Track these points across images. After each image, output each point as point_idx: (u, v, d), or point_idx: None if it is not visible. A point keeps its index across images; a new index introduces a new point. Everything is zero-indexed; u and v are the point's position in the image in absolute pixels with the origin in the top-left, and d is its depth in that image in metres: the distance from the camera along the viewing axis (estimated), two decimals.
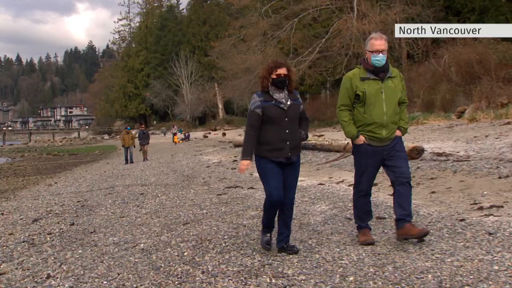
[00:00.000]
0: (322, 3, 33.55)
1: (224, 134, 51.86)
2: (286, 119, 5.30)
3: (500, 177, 9.13)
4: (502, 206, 7.02)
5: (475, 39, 27.27)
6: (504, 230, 5.77)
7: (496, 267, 4.55)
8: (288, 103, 5.32)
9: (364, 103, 5.45)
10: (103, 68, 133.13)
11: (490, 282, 4.21)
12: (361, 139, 5.51)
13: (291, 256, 5.46)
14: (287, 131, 5.28)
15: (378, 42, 5.40)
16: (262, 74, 5.42)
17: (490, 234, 5.70)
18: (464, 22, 32.87)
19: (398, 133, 5.63)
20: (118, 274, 5.34)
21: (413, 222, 6.60)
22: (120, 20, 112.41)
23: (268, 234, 5.68)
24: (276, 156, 5.30)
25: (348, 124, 5.59)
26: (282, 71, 5.26)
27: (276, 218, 5.64)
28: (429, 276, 4.49)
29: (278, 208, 5.49)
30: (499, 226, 5.97)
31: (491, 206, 7.04)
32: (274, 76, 5.26)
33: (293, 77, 5.42)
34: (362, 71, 5.53)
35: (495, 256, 4.86)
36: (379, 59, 5.37)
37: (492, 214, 6.60)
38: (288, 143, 5.28)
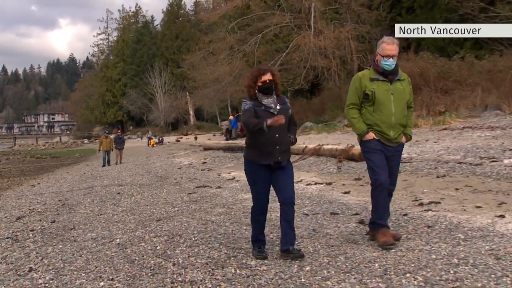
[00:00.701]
0: (283, 21, 33.74)
1: (196, 138, 51.84)
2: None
3: (437, 177, 9.33)
4: (440, 202, 7.17)
5: (416, 54, 27.78)
6: (441, 223, 5.91)
7: (433, 256, 4.65)
8: (277, 107, 4.93)
9: (373, 102, 5.14)
10: (83, 78, 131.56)
11: (429, 270, 4.29)
12: (371, 135, 5.17)
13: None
14: (277, 135, 4.86)
15: (389, 47, 5.09)
16: (247, 83, 5.04)
17: (429, 227, 5.82)
18: (406, 40, 33.46)
19: (403, 139, 5.33)
20: (96, 267, 5.29)
21: (366, 217, 6.74)
22: (99, 34, 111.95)
23: (262, 247, 5.17)
24: (265, 160, 4.90)
25: (358, 121, 5.25)
26: (267, 77, 4.88)
27: (264, 225, 5.27)
28: (376, 265, 4.56)
29: (265, 217, 5.22)
30: (436, 220, 6.11)
31: (430, 202, 7.18)
32: (259, 84, 4.88)
33: (278, 81, 5.02)
34: (372, 72, 5.22)
35: (433, 247, 4.96)
36: (389, 63, 5.08)
37: (431, 209, 6.74)
38: (278, 147, 4.89)
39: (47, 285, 4.84)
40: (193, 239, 6.20)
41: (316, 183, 10.55)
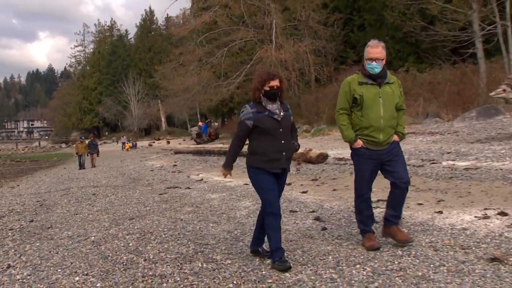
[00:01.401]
0: (247, 35, 33.84)
1: (168, 142, 51.62)
2: (281, 129, 4.47)
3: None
4: (386, 200, 7.27)
5: None
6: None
7: (380, 249, 4.71)
8: (281, 114, 4.50)
9: (362, 106, 4.70)
10: (61, 87, 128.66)
11: (376, 261, 4.35)
12: (359, 143, 4.74)
13: (219, 244, 5.47)
14: (282, 141, 4.46)
15: (373, 50, 4.71)
16: (254, 85, 4.57)
17: (376, 222, 5.87)
18: (358, 54, 34.01)
19: (395, 138, 4.85)
20: (71, 263, 5.18)
21: (321, 215, 6.78)
22: (76, 46, 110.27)
23: (282, 255, 4.42)
24: (273, 167, 4.46)
25: (347, 128, 4.82)
26: (275, 83, 4.44)
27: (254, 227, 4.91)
28: (330, 257, 4.59)
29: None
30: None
31: (378, 200, 7.21)
32: (267, 88, 4.44)
33: (284, 88, 4.63)
34: (361, 76, 4.79)
35: (380, 240, 5.01)
36: (372, 67, 4.66)
37: (379, 207, 6.78)
38: (284, 153, 4.49)
39: (24, 280, 4.72)
40: (163, 236, 6.14)
41: None
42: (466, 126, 15.73)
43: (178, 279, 4.34)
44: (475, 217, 5.64)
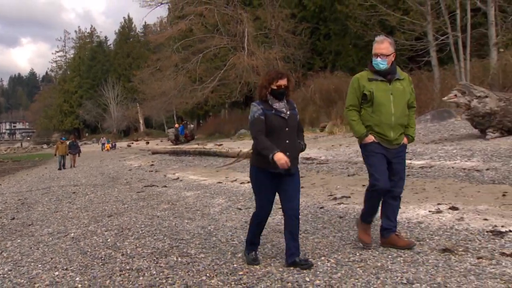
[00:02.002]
0: (221, 43, 33.80)
1: (147, 143, 51.17)
2: (287, 129, 4.10)
3: (348, 175, 9.58)
4: (350, 197, 7.31)
5: (332, 73, 28.49)
6: (350, 214, 6.05)
7: (343, 242, 4.77)
8: (288, 112, 4.14)
9: (372, 103, 4.32)
10: (43, 90, 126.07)
11: (339, 253, 4.40)
12: (370, 137, 4.33)
13: (194, 239, 5.44)
14: (287, 141, 4.08)
15: (378, 46, 4.33)
16: (261, 83, 4.18)
17: (340, 217, 5.95)
18: (324, 61, 34.31)
19: (405, 140, 4.45)
20: (51, 258, 5.10)
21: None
22: (57, 52, 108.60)
23: (253, 252, 4.38)
24: (276, 167, 3.94)
25: (357, 123, 4.41)
26: (283, 82, 4.07)
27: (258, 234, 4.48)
28: None
29: (266, 223, 4.43)
30: (347, 211, 6.24)
31: (342, 197, 7.31)
32: (274, 87, 4.07)
33: (291, 87, 4.28)
34: (369, 73, 4.41)
35: (343, 234, 5.09)
36: (377, 62, 4.30)
37: (343, 203, 6.87)
38: (288, 154, 3.99)
39: (5, 275, 4.62)
40: (140, 232, 6.08)
41: (249, 182, 10.52)
42: (421, 128, 16.00)
43: (154, 272, 4.31)
44: (429, 211, 5.75)
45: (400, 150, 4.43)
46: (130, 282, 4.10)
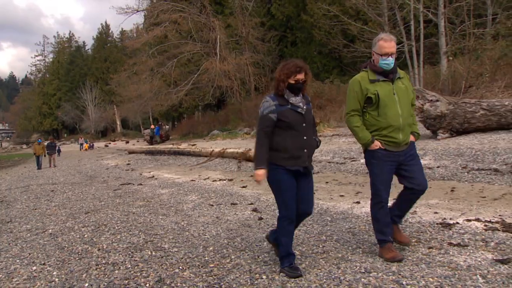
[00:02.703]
0: (194, 49, 33.64)
1: (127, 142, 50.35)
2: (304, 124, 3.65)
3: (313, 173, 9.66)
4: (314, 193, 7.39)
5: None
6: (314, 210, 6.09)
7: (308, 235, 4.80)
8: (304, 107, 3.68)
9: (377, 105, 3.79)
10: (22, 93, 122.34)
11: (304, 245, 4.43)
12: (377, 144, 3.82)
13: (168, 234, 5.38)
14: (305, 137, 3.63)
15: (387, 44, 3.77)
16: (279, 76, 3.67)
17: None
18: None
19: (412, 138, 3.97)
20: (29, 254, 4.98)
21: (258, 206, 6.79)
22: (36, 56, 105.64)
23: (294, 263, 3.74)
24: (293, 164, 3.60)
25: (361, 130, 3.88)
26: (301, 76, 3.61)
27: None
28: (264, 243, 4.62)
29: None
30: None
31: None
32: (292, 81, 3.60)
33: (309, 81, 3.73)
34: (370, 73, 3.87)
35: (308, 227, 5.12)
36: (389, 62, 3.77)
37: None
38: (305, 150, 3.64)
39: None
40: (116, 227, 5.98)
41: (220, 180, 10.56)
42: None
43: (129, 266, 4.25)
44: None
45: (410, 149, 3.94)
46: (106, 276, 4.03)
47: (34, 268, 4.44)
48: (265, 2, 36.46)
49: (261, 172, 3.60)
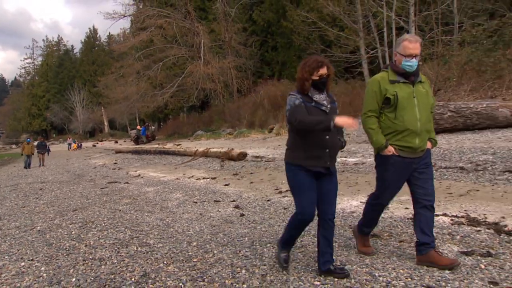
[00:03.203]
0: (179, 52, 33.52)
1: (116, 142, 49.82)
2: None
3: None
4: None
5: (279, 81, 28.80)
6: (293, 206, 6.01)
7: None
8: (328, 106, 3.34)
9: (395, 107, 3.45)
10: (12, 94, 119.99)
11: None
12: (390, 149, 3.47)
13: (153, 230, 5.34)
14: (327, 136, 3.28)
15: (412, 45, 3.43)
16: (301, 75, 3.32)
17: (285, 209, 6.01)
18: (272, 70, 34.60)
19: (429, 145, 3.58)
20: (18, 250, 4.87)
21: (240, 203, 6.77)
22: (26, 59, 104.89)
23: (286, 253, 3.63)
24: (313, 165, 3.28)
25: (376, 133, 3.52)
26: (324, 70, 3.27)
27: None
28: (246, 238, 4.63)
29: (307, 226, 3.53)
30: (290, 204, 6.27)
31: (286, 191, 7.34)
32: (315, 78, 3.27)
33: (332, 75, 3.38)
34: (391, 73, 3.53)
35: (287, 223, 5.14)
36: (412, 64, 3.44)
37: (287, 196, 6.90)
38: (327, 150, 3.29)
39: None
40: (103, 224, 5.91)
41: (204, 178, 10.52)
42: (355, 129, 16.41)
43: (115, 261, 4.20)
44: (360, 202, 5.89)
45: (426, 156, 3.56)
46: (93, 271, 3.97)
47: (23, 264, 4.36)
48: (247, 8, 36.47)
49: (342, 118, 3.18)
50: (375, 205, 3.74)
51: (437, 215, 4.84)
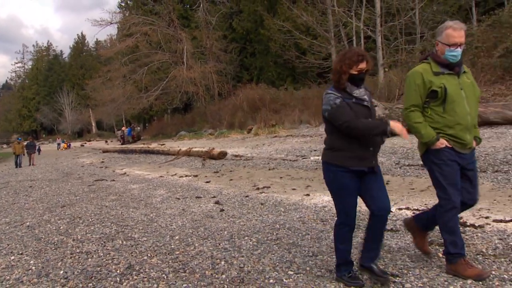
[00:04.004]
0: (163, 58, 33.22)
1: (106, 142, 48.70)
2: (370, 119, 2.88)
3: (269, 169, 9.70)
4: (270, 187, 7.43)
5: (257, 85, 28.83)
6: (270, 201, 6.13)
7: (263, 224, 4.82)
8: (368, 100, 2.94)
9: (443, 101, 2.95)
10: (2, 96, 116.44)
11: (260, 233, 4.44)
12: (443, 142, 2.96)
13: (138, 225, 5.27)
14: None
15: (457, 33, 2.93)
16: (340, 68, 2.84)
17: (262, 204, 6.01)
18: (250, 75, 34.61)
19: (473, 143, 3.08)
20: (8, 245, 4.75)
21: (220, 199, 6.75)
22: (16, 63, 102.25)
23: (352, 272, 3.01)
24: (357, 165, 2.84)
25: (424, 126, 3.00)
26: (364, 65, 2.83)
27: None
28: (225, 232, 4.61)
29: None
30: (267, 199, 6.33)
31: (264, 187, 7.41)
32: (354, 72, 2.82)
33: (371, 69, 2.96)
34: (434, 65, 3.02)
35: (264, 218, 5.14)
36: (457, 54, 2.95)
37: (264, 192, 6.94)
38: (371, 149, 2.87)
39: None
40: (90, 220, 5.80)
41: (186, 176, 10.44)
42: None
43: (102, 254, 4.13)
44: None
45: (473, 154, 3.13)
46: (80, 264, 3.90)
47: (12, 258, 4.25)
48: (227, 17, 36.40)
49: (396, 124, 2.80)
50: (450, 211, 2.99)
51: (401, 209, 4.93)
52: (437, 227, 3.30)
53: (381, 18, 20.63)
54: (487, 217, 4.32)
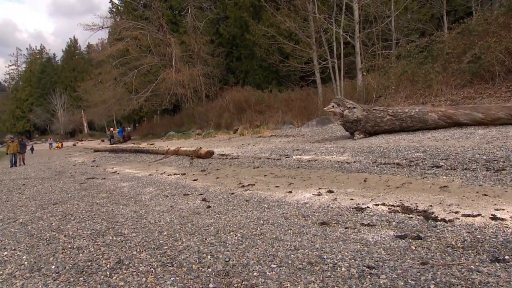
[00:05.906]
0: (153, 61, 32.91)
1: (102, 141, 48.01)
2: None
3: (254, 168, 9.68)
4: (254, 184, 7.40)
5: (243, 87, 28.81)
6: (254, 198, 6.11)
7: (248, 220, 4.81)
8: None
9: None
10: None
11: (245, 229, 4.44)
12: None
13: (127, 221, 5.21)
14: None
15: None
16: None
17: (247, 201, 6.00)
18: (236, 78, 34.57)
19: None
20: (0, 241, 4.65)
21: (207, 196, 6.71)
22: (10, 65, 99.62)
23: None
24: None
25: None
26: None
27: None
28: (211, 228, 4.58)
29: None
30: (252, 196, 6.31)
31: (249, 185, 7.37)
32: None
33: None
34: None
35: (248, 213, 5.13)
36: None
37: (249, 189, 6.90)
38: None
39: None
40: (82, 216, 5.71)
41: (175, 174, 10.35)
42: (309, 130, 16.65)
43: (92, 249, 4.07)
44: (313, 194, 5.97)
45: None
46: (71, 258, 3.84)
47: (5, 253, 4.16)
48: (214, 23, 36.32)
49: None
50: None
51: (377, 205, 4.99)
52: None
53: (359, 25, 20.82)
54: (456, 212, 4.39)
